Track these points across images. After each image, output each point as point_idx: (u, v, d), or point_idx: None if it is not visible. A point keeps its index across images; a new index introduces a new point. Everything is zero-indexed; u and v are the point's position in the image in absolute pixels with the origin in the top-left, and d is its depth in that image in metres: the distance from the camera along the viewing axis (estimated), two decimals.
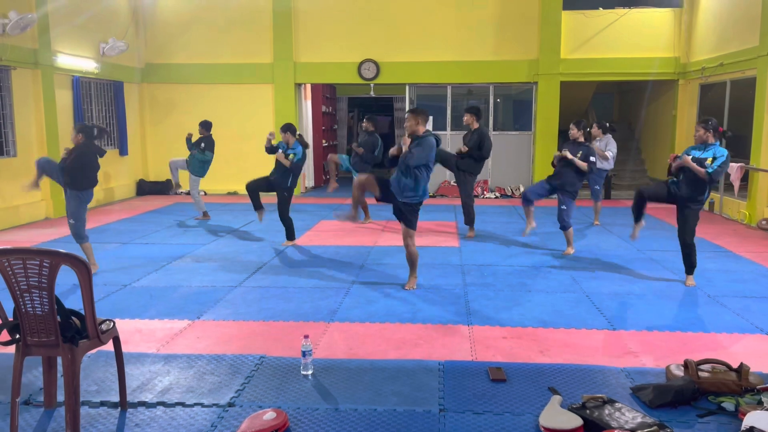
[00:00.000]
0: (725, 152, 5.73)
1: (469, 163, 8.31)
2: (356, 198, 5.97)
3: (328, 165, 9.82)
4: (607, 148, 9.17)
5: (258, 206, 8.02)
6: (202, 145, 9.67)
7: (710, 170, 5.68)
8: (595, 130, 9.31)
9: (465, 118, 8.40)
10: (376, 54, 12.96)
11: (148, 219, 10.10)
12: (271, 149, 7.95)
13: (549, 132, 12.86)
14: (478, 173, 8.46)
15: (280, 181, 7.77)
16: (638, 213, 6.33)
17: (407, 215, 5.80)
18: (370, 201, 9.95)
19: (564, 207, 7.28)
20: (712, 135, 5.78)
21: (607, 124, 9.54)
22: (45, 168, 6.42)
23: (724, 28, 11.04)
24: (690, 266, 6.09)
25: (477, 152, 8.22)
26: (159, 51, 13.28)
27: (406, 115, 5.78)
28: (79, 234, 6.35)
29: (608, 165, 9.29)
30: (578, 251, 7.57)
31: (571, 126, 7.44)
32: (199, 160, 9.71)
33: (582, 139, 7.32)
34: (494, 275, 6.50)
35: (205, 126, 9.83)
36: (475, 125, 8.30)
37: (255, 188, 7.92)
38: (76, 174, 6.18)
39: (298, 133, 7.96)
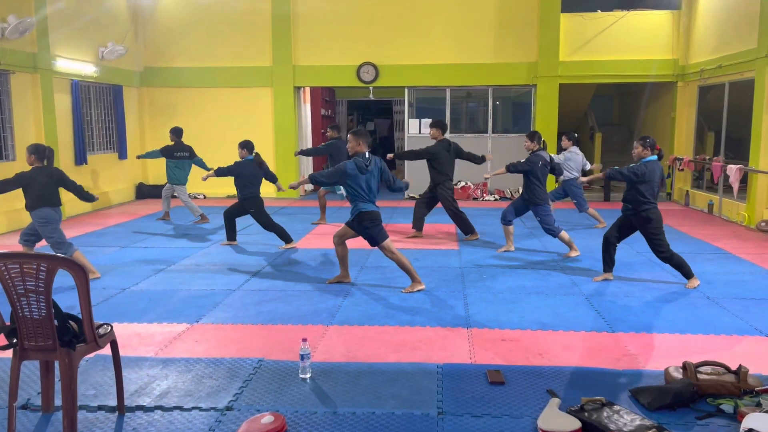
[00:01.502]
0: (646, 160, 5.92)
1: (432, 176, 8.38)
2: (340, 254, 6.19)
3: (320, 201, 9.87)
4: (564, 159, 9.33)
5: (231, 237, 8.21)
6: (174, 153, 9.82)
7: (612, 173, 6.00)
8: (564, 141, 9.43)
9: (431, 132, 8.47)
10: (375, 57, 12.97)
11: (147, 223, 10.10)
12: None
13: (548, 134, 12.84)
14: (439, 183, 8.35)
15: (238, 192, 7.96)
16: (607, 260, 6.32)
17: (368, 232, 5.87)
18: None
19: (538, 218, 7.43)
20: (650, 151, 5.97)
21: (576, 135, 9.76)
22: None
23: (723, 30, 11.05)
24: (685, 273, 6.10)
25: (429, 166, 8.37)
26: (158, 54, 13.30)
27: (349, 136, 5.95)
28: (59, 251, 6.14)
29: (570, 174, 9.25)
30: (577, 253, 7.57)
31: (525, 138, 7.61)
32: (173, 168, 9.83)
33: (536, 148, 7.45)
34: (493, 278, 6.49)
35: (175, 132, 9.93)
36: (440, 137, 8.36)
37: (231, 214, 8.14)
38: (33, 197, 6.11)
39: (255, 152, 8.07)
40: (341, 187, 9.42)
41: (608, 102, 17.37)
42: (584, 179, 6.88)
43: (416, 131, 13.23)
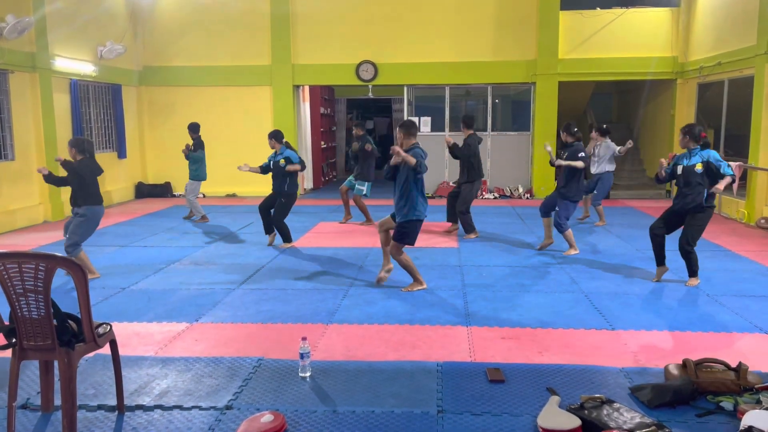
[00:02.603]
0: (712, 151, 5.90)
1: (469, 172, 8.41)
2: (383, 241, 6.06)
3: (342, 197, 9.84)
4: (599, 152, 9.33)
5: (268, 230, 8.02)
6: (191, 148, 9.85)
7: (730, 172, 5.81)
8: (594, 134, 9.46)
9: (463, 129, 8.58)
10: (374, 55, 12.96)
11: (146, 222, 10.09)
12: (265, 169, 7.91)
13: (547, 132, 12.85)
14: (475, 179, 8.42)
15: (278, 186, 7.78)
16: (659, 255, 6.21)
17: (405, 231, 5.75)
18: (367, 201, 9.98)
19: (557, 208, 7.41)
20: (694, 141, 5.92)
21: (604, 126, 9.65)
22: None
23: (722, 27, 11.04)
24: (693, 271, 6.10)
25: (467, 161, 8.38)
26: (157, 54, 13.28)
27: (397, 129, 5.89)
28: (68, 251, 6.16)
29: (606, 167, 9.28)
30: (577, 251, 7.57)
31: (562, 131, 7.64)
32: (194, 161, 9.80)
33: (570, 140, 7.48)
34: (493, 276, 6.49)
35: (193, 128, 9.93)
36: (468, 133, 8.46)
37: (266, 207, 7.93)
38: (83, 192, 6.17)
39: (284, 140, 7.94)
40: (364, 186, 9.44)
41: (607, 100, 17.36)
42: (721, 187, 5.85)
43: None
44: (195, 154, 9.80)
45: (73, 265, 3.02)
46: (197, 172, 9.84)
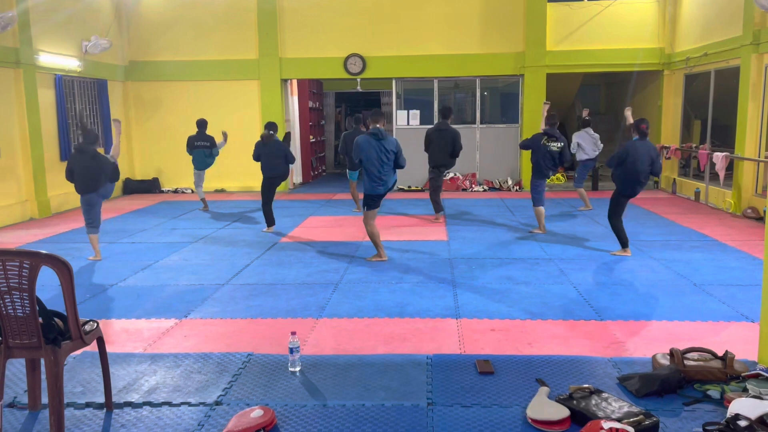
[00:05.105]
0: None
1: None
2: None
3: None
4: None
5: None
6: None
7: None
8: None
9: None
10: (362, 48, 12.91)
11: (134, 218, 10.02)
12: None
13: (536, 124, 12.83)
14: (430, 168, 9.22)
15: None
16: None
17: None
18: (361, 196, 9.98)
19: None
20: (635, 131, 6.69)
21: (585, 118, 10.59)
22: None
23: (708, 19, 11.09)
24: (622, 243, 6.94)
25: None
26: (143, 48, 13.15)
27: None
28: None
29: (583, 155, 10.14)
30: (565, 242, 7.60)
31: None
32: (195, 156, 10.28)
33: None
34: (482, 268, 6.50)
35: (196, 123, 10.26)
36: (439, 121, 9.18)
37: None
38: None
39: (269, 131, 8.45)
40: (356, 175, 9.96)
41: (595, 91, 17.41)
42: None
43: (404, 123, 13.20)
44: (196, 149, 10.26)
45: (57, 262, 2.99)
46: (196, 163, 10.28)
